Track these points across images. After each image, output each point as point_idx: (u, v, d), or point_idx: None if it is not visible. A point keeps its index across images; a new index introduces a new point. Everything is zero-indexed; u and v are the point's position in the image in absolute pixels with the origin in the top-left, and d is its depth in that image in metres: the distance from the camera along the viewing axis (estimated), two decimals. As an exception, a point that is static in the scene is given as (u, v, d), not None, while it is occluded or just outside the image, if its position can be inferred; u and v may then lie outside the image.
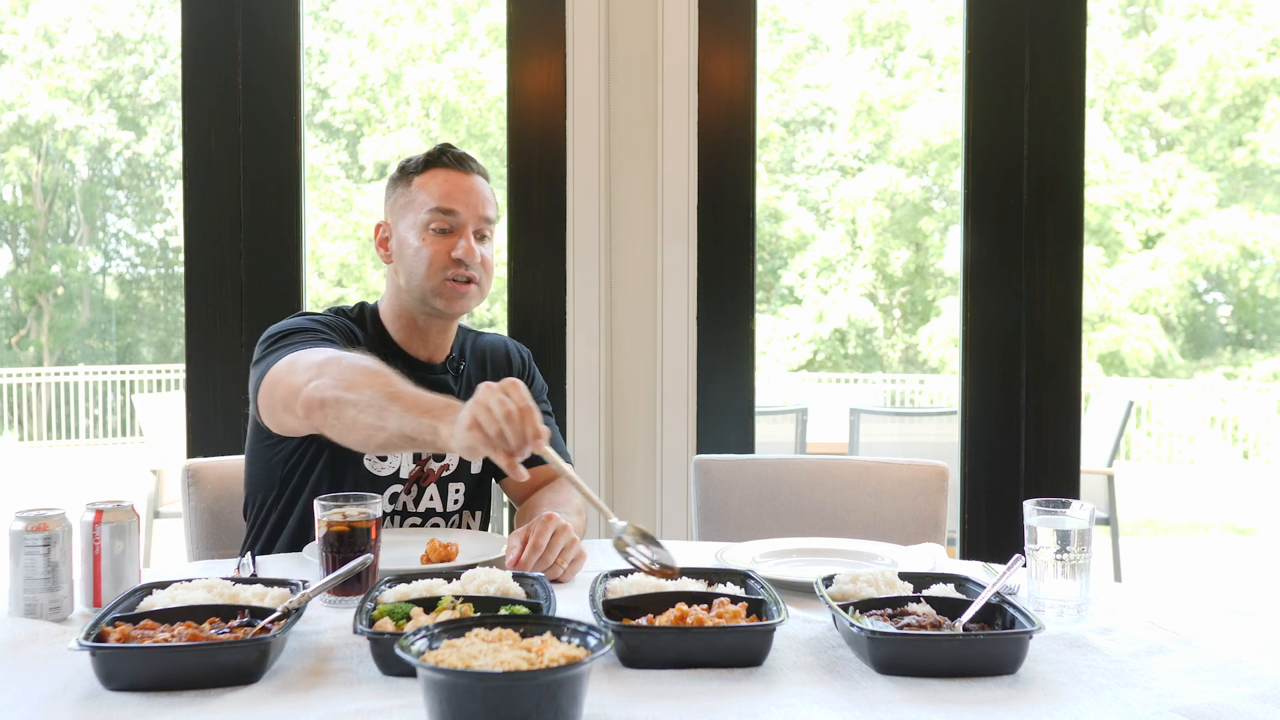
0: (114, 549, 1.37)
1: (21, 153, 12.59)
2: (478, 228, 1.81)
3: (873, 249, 12.40)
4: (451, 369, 1.90)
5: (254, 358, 1.73)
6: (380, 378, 1.48)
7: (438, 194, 1.80)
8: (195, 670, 1.10)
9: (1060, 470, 2.71)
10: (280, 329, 1.75)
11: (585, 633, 1.04)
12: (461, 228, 1.80)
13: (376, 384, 1.46)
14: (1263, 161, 11.73)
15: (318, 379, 1.51)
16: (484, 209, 1.82)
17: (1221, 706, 1.07)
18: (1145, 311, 11.60)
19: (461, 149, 1.86)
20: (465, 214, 1.80)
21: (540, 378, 2.05)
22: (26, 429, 10.81)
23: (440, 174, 1.82)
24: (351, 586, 1.40)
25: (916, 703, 1.08)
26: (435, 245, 1.79)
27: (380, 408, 1.43)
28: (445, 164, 1.83)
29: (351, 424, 1.46)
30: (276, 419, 1.66)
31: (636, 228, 2.76)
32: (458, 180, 1.82)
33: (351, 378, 1.49)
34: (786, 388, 10.99)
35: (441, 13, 12.47)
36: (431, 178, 1.82)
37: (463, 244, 1.78)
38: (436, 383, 1.84)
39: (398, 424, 1.41)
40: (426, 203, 1.80)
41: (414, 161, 1.85)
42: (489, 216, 1.83)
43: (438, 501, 1.85)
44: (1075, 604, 1.36)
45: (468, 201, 1.80)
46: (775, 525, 2.11)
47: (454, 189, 1.81)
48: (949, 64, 11.83)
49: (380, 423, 1.42)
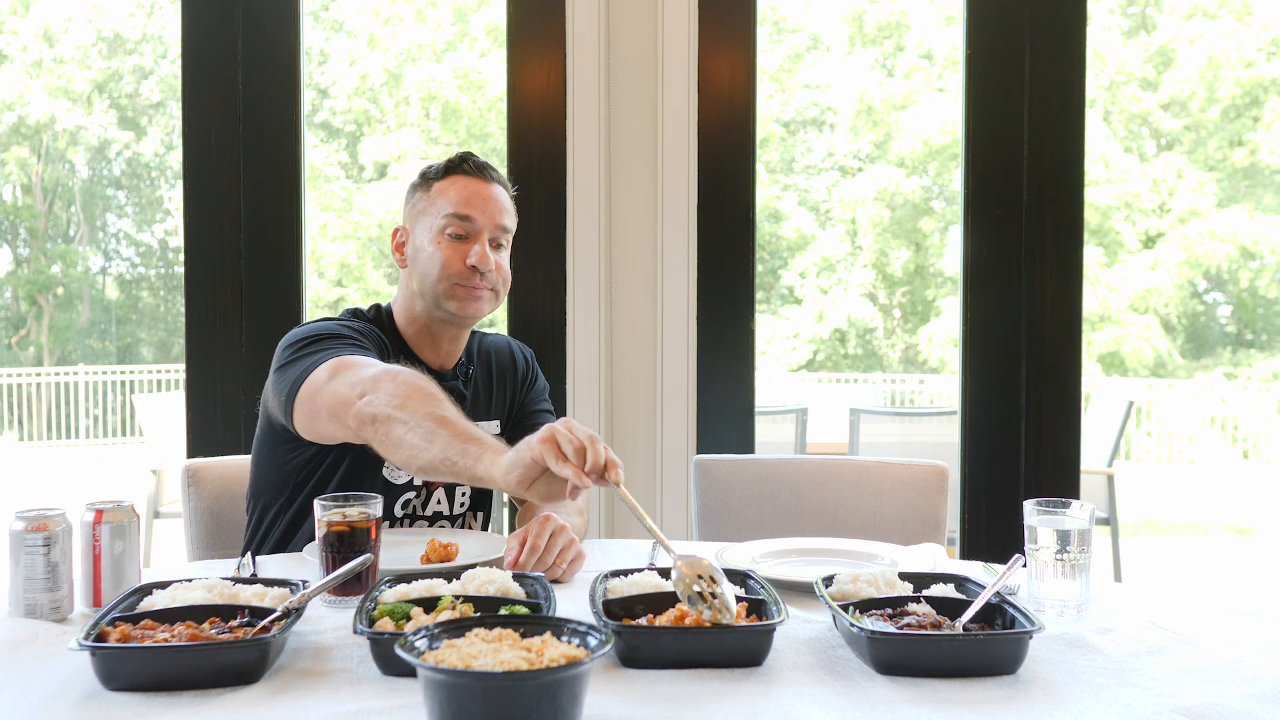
0: (114, 549, 1.37)
1: (21, 153, 12.59)
2: (494, 235, 1.82)
3: (873, 249, 12.40)
4: (460, 374, 1.90)
5: (278, 361, 1.72)
6: (432, 400, 1.49)
7: (455, 200, 1.81)
8: (195, 670, 1.10)
9: (1060, 470, 2.71)
10: (307, 334, 1.73)
11: (585, 633, 1.04)
12: (478, 234, 1.81)
13: (428, 406, 1.48)
14: (1262, 161, 11.73)
15: (372, 393, 1.51)
16: (501, 218, 1.83)
17: (1221, 706, 1.07)
18: (1145, 311, 11.60)
19: (483, 159, 1.88)
20: (482, 220, 1.81)
21: (543, 378, 2.05)
22: (26, 429, 10.81)
23: (460, 180, 1.83)
24: (351, 586, 1.40)
25: (916, 703, 1.08)
26: (450, 250, 1.79)
27: (429, 431, 1.44)
28: (466, 171, 1.84)
29: (398, 442, 1.47)
30: (317, 426, 1.65)
31: (636, 228, 2.76)
32: (477, 188, 1.83)
33: (405, 395, 1.49)
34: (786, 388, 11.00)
35: (441, 13, 12.47)
36: (451, 184, 1.83)
37: (477, 250, 1.79)
38: (447, 390, 1.84)
39: (442, 450, 1.42)
40: (444, 208, 1.81)
41: (435, 168, 1.87)
42: (506, 225, 1.84)
43: (445, 505, 1.86)
44: (1075, 604, 1.36)
45: (485, 209, 1.81)
46: (775, 525, 2.11)
47: (472, 196, 1.82)
48: (949, 64, 11.84)
49: (427, 444, 1.44)
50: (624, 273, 2.77)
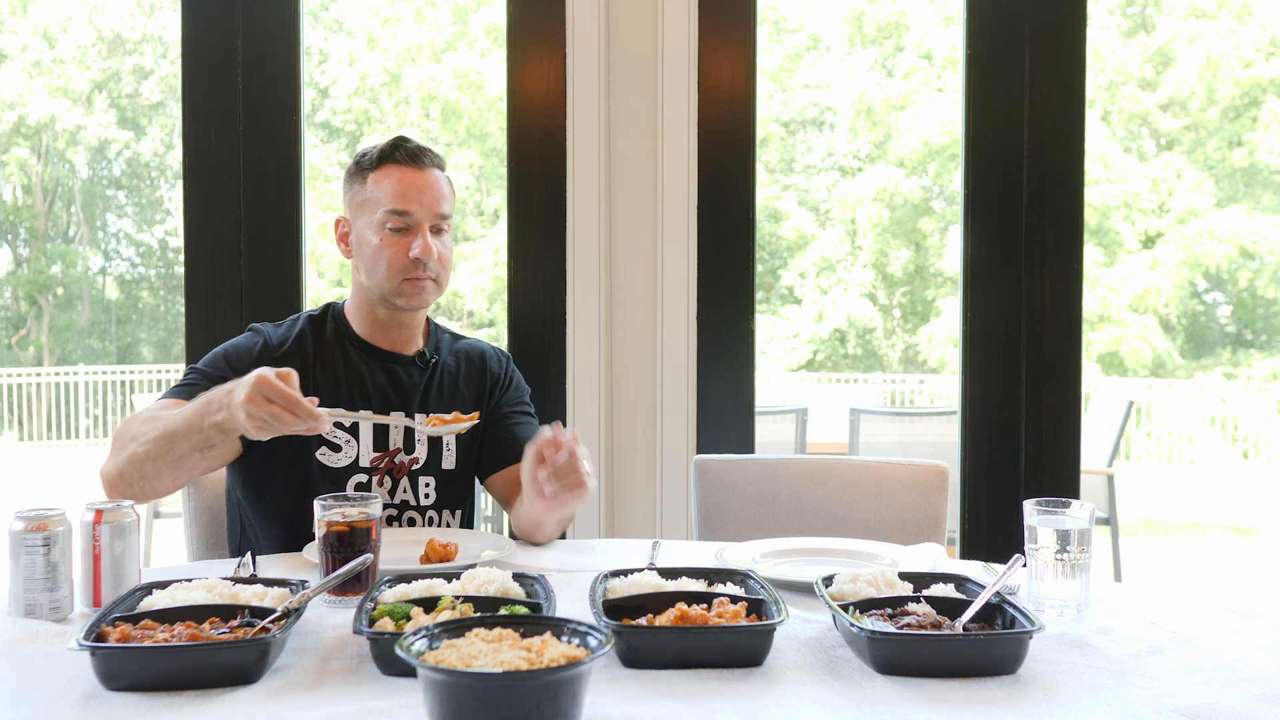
0: (114, 549, 1.37)
1: (21, 153, 12.59)
2: (433, 224, 1.83)
3: (872, 249, 12.40)
4: (421, 362, 1.92)
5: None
6: (151, 419, 1.64)
7: (392, 194, 1.81)
8: (195, 670, 1.10)
9: (1060, 470, 2.71)
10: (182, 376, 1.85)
11: (585, 633, 1.04)
12: (418, 225, 1.81)
13: (147, 425, 1.63)
14: (1261, 162, 11.73)
15: (105, 464, 1.67)
16: (439, 205, 1.83)
17: (1221, 706, 1.07)
18: (1144, 312, 11.60)
19: (416, 141, 1.86)
20: (420, 212, 1.81)
21: (521, 380, 2.05)
22: (26, 429, 10.81)
23: (394, 171, 1.82)
24: (351, 586, 1.40)
25: (916, 703, 1.08)
26: (393, 246, 1.81)
27: (158, 427, 1.59)
28: (399, 160, 1.83)
29: (153, 458, 1.60)
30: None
31: (636, 228, 2.76)
32: (412, 178, 1.82)
33: (127, 437, 1.64)
34: (786, 388, 10.99)
35: (441, 13, 12.47)
36: (385, 175, 1.82)
37: (419, 243, 1.80)
38: (406, 371, 1.89)
39: (182, 421, 1.57)
40: (382, 202, 1.81)
41: (369, 156, 1.85)
42: (444, 212, 1.85)
43: (410, 495, 1.86)
44: (1075, 604, 1.36)
45: (422, 200, 1.81)
46: (775, 525, 2.11)
47: (408, 188, 1.81)
48: (949, 64, 11.84)
49: (166, 432, 1.58)
50: (624, 273, 2.77)
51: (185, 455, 1.59)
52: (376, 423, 1.83)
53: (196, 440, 1.57)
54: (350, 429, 1.83)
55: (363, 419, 1.46)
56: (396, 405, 1.87)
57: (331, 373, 1.86)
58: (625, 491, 2.78)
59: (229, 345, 1.87)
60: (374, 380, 1.87)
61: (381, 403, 1.86)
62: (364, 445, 1.83)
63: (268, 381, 1.47)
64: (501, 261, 2.48)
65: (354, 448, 1.83)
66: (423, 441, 1.87)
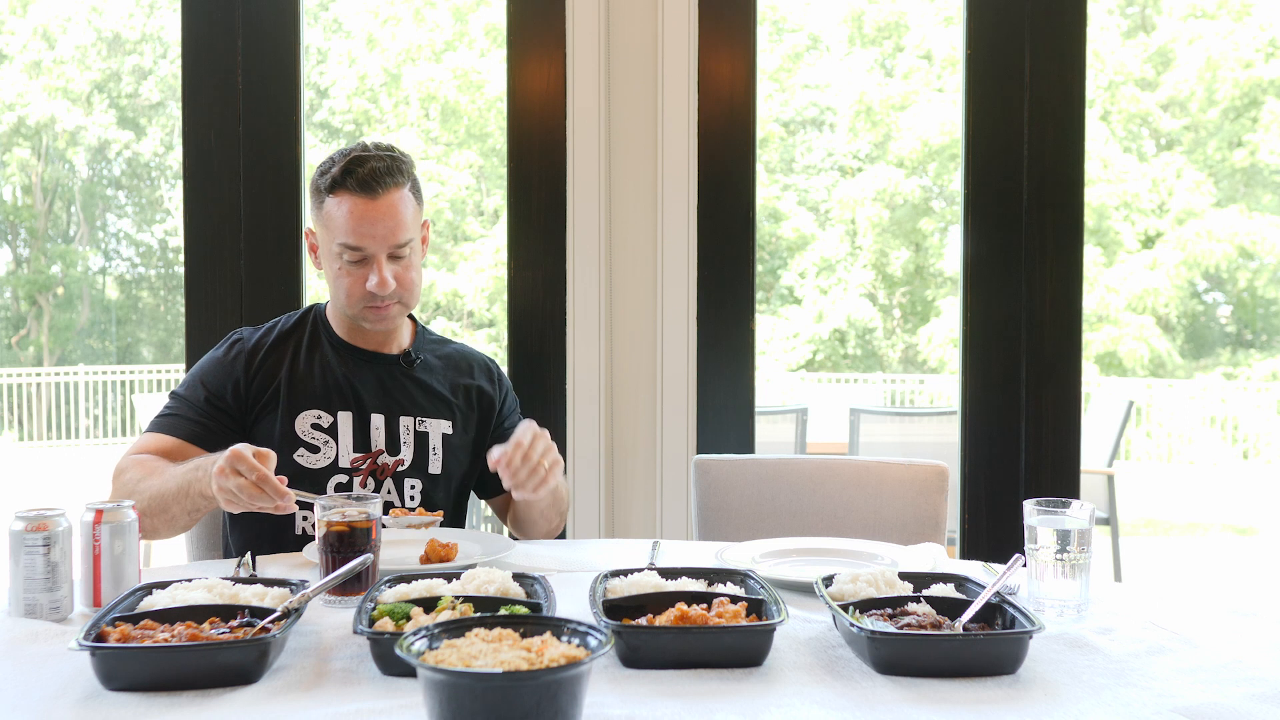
0: (114, 549, 1.37)
1: (21, 153, 12.59)
2: (391, 253, 1.79)
3: (872, 249, 12.40)
4: (405, 362, 1.92)
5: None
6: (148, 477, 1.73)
7: (344, 228, 1.77)
8: (195, 670, 1.10)
9: (1060, 470, 2.71)
10: (173, 394, 1.94)
11: (585, 633, 1.04)
12: (373, 258, 1.78)
13: (145, 477, 1.72)
14: (1261, 162, 11.73)
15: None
16: (395, 237, 1.78)
17: (1221, 706, 1.07)
18: (1144, 312, 11.60)
19: (374, 155, 1.79)
20: (374, 246, 1.78)
21: (512, 395, 2.05)
22: (26, 429, 10.81)
23: (347, 201, 1.77)
24: (351, 586, 1.40)
25: (916, 703, 1.08)
26: (350, 276, 1.80)
27: (154, 487, 1.68)
28: (350, 189, 1.77)
29: (149, 515, 1.67)
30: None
31: (636, 228, 2.76)
32: (365, 210, 1.76)
33: (126, 492, 1.72)
34: (786, 388, 10.99)
35: (440, 13, 12.47)
36: (339, 205, 1.78)
37: (373, 278, 1.78)
38: (388, 371, 1.90)
39: (174, 487, 1.66)
40: (336, 233, 1.79)
41: (325, 178, 1.80)
42: (401, 241, 1.79)
43: (395, 497, 1.86)
44: (1075, 604, 1.36)
45: (374, 233, 1.77)
46: (775, 525, 2.11)
47: (359, 221, 1.76)
48: (948, 64, 11.83)
49: (160, 494, 1.68)
50: (624, 273, 2.77)
51: (177, 516, 1.69)
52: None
53: (186, 505, 1.67)
54: (329, 429, 1.83)
55: (323, 500, 1.43)
56: (378, 405, 1.87)
57: (312, 372, 1.86)
58: (625, 491, 2.78)
59: (205, 362, 1.90)
60: (356, 379, 1.87)
61: (362, 402, 1.86)
62: (343, 446, 1.83)
63: (241, 456, 1.51)
64: (501, 261, 2.48)
65: (333, 448, 1.83)
66: (408, 443, 1.87)
